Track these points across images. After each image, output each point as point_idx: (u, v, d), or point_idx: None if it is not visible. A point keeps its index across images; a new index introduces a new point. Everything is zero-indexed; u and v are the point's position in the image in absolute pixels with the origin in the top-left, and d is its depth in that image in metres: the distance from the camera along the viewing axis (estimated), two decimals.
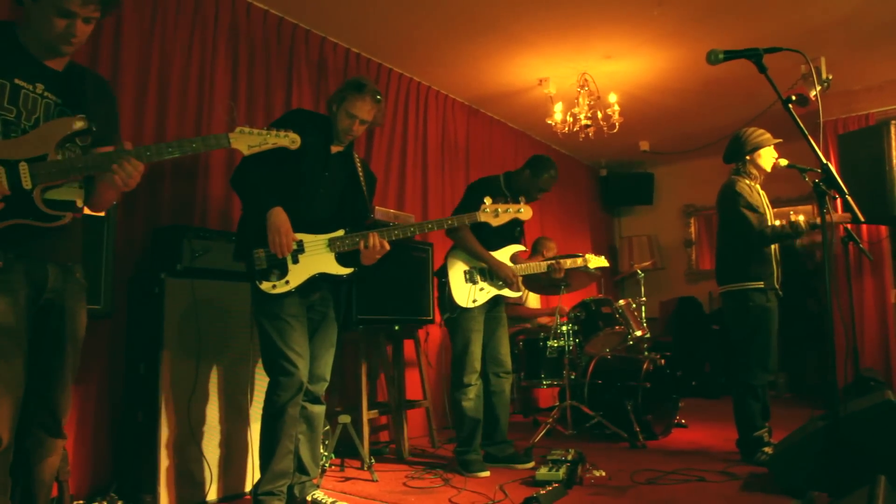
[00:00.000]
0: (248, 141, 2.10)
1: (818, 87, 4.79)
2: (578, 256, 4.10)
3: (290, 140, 2.21)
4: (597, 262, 4.15)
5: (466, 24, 4.65)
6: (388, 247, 2.90)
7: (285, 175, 2.84)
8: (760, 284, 3.77)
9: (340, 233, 2.91)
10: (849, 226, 3.85)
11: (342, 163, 3.07)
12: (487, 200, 3.10)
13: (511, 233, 3.93)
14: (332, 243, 2.88)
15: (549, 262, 3.95)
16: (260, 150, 2.14)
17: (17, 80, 1.87)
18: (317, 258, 2.85)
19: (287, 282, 2.78)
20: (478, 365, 3.80)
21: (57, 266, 1.98)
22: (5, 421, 1.82)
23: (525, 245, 4.07)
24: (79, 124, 1.91)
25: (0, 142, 1.79)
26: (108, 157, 1.91)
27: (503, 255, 3.87)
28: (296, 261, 2.81)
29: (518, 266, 3.87)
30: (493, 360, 3.90)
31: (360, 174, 3.11)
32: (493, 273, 3.83)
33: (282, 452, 2.80)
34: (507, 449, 3.90)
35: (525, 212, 3.14)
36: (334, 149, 3.03)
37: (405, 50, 5.05)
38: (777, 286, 3.84)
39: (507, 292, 3.89)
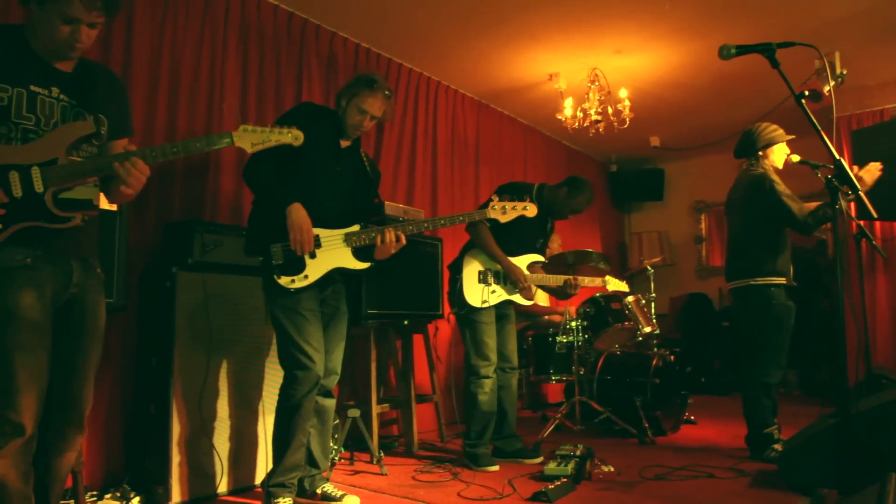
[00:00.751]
0: (251, 139, 2.12)
1: (832, 83, 4.75)
2: (598, 277, 4.11)
3: (293, 136, 2.20)
4: (616, 285, 4.15)
5: (476, 19, 4.65)
6: (403, 241, 2.92)
7: (298, 169, 2.85)
8: (783, 280, 3.74)
9: (355, 228, 2.92)
10: (862, 223, 3.82)
11: (351, 157, 3.08)
12: (495, 198, 3.16)
13: (532, 243, 3.94)
14: (348, 238, 2.89)
15: (566, 277, 3.95)
16: (264, 148, 2.15)
17: (32, 87, 1.92)
18: (334, 253, 2.87)
19: (306, 276, 2.80)
20: (494, 357, 3.81)
21: (79, 261, 2.05)
22: (30, 411, 1.88)
23: (545, 256, 4.06)
24: (85, 129, 1.97)
25: (15, 147, 1.86)
26: (112, 159, 1.96)
27: (521, 262, 3.87)
28: (313, 255, 2.83)
29: (534, 276, 3.87)
30: (500, 355, 3.90)
31: (367, 168, 3.13)
32: (506, 276, 3.83)
33: (295, 446, 2.82)
34: (515, 443, 3.91)
35: (530, 209, 3.18)
36: (343, 143, 3.04)
37: (415, 45, 5.05)
38: (793, 281, 3.82)
39: (518, 299, 3.90)
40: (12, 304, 1.86)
